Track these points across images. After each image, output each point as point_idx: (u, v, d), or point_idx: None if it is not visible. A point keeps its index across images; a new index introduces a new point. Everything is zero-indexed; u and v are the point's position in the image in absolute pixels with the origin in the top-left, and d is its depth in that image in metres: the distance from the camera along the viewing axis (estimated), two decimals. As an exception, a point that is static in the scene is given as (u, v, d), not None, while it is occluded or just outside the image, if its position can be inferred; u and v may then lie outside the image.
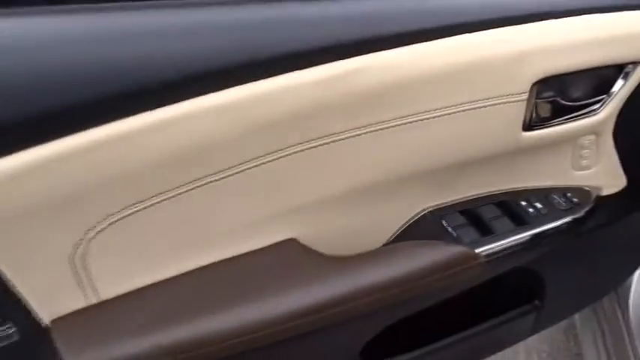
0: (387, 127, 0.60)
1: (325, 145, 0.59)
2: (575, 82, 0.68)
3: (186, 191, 0.54)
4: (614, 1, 0.66)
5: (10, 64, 0.46)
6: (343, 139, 0.59)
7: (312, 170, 0.60)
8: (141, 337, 0.55)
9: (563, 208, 0.76)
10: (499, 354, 1.59)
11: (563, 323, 1.58)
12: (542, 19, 0.63)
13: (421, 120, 0.61)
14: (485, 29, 0.60)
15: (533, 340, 1.55)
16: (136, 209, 0.53)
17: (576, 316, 1.46)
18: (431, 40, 0.58)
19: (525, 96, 0.64)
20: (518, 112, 0.65)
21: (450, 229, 0.71)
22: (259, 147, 0.56)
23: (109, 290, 0.57)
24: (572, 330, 1.54)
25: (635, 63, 0.68)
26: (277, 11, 0.55)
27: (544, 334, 1.57)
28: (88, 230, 0.52)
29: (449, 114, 0.62)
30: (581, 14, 0.64)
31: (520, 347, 1.54)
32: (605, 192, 0.81)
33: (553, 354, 1.51)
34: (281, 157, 0.57)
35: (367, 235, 0.70)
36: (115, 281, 0.57)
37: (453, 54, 0.60)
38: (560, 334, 1.56)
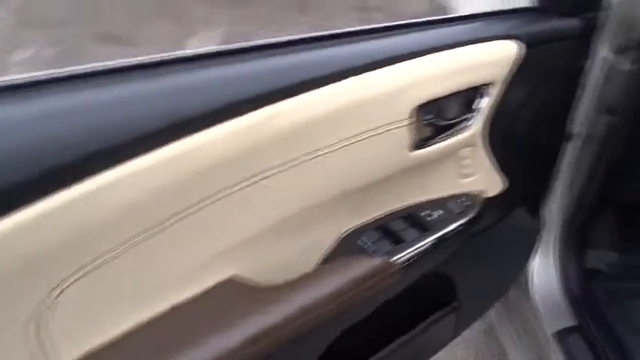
0: (300, 163, 0.69)
1: (253, 185, 0.66)
2: (446, 105, 0.81)
3: (134, 245, 0.59)
4: (465, 37, 0.82)
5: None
6: (268, 176, 0.67)
7: (243, 209, 0.67)
8: None
9: (458, 211, 0.88)
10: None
11: (483, 328, 1.72)
12: (412, 58, 0.76)
13: (328, 152, 0.71)
14: (367, 71, 0.72)
15: (460, 350, 1.67)
16: (86, 270, 0.56)
17: (493, 319, 1.60)
18: (324, 85, 0.69)
19: (406, 121, 0.76)
20: (403, 135, 0.77)
21: (367, 245, 0.80)
22: (196, 194, 0.62)
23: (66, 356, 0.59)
24: (491, 332, 1.68)
25: (488, 84, 0.83)
26: (198, 75, 0.63)
27: (469, 341, 1.70)
28: (49, 293, 0.54)
29: (349, 144, 0.72)
30: (442, 50, 0.78)
31: (450, 358, 1.66)
32: (490, 194, 0.94)
33: (478, 357, 1.64)
34: (215, 200, 0.64)
35: (298, 262, 0.77)
36: (70, 346, 0.59)
37: (345, 94, 0.70)
38: (481, 337, 1.70)
